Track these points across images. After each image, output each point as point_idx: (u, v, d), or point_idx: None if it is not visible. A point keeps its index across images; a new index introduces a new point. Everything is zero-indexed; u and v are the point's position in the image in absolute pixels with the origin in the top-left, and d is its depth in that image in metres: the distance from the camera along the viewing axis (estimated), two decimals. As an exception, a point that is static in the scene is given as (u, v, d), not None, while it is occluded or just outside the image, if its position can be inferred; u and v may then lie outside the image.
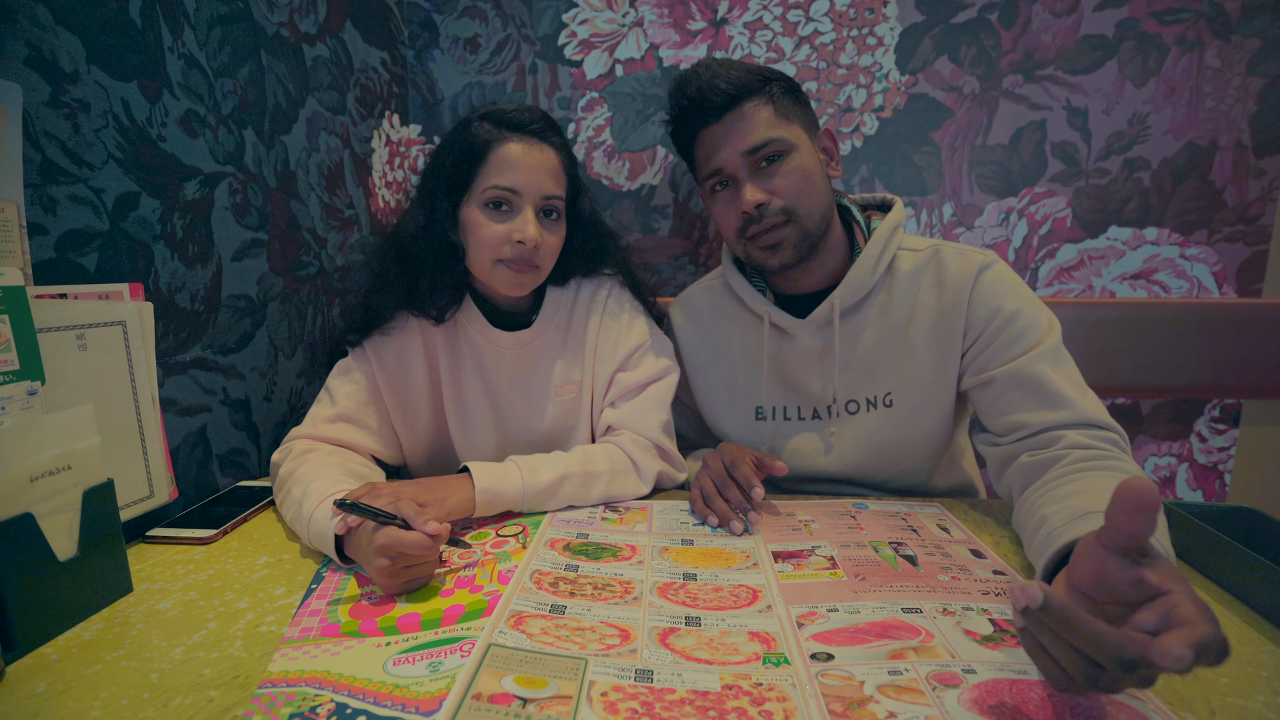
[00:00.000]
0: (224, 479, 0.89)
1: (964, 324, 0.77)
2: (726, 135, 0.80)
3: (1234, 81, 1.15)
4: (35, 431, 0.52)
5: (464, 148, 0.79)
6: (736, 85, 0.78)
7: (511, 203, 0.78)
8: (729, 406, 0.91)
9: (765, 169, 0.79)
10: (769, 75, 0.81)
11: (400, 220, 0.85)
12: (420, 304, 0.83)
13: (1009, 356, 0.74)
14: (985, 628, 0.50)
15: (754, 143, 0.78)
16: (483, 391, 0.88)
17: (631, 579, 0.60)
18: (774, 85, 0.80)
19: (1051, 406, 0.70)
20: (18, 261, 0.58)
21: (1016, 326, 0.74)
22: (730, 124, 0.79)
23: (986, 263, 0.78)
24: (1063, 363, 0.73)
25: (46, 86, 0.64)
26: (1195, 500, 1.27)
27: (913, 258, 0.82)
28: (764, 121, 0.78)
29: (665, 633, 0.51)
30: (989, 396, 0.75)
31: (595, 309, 0.90)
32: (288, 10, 1.01)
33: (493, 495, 0.72)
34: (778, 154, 0.79)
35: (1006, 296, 0.76)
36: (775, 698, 0.43)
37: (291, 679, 0.46)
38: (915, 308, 0.81)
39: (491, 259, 0.79)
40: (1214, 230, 1.20)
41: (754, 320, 0.89)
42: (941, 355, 0.79)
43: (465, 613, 0.54)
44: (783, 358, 0.86)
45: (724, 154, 0.80)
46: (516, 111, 0.80)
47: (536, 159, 0.78)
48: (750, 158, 0.79)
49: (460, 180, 0.79)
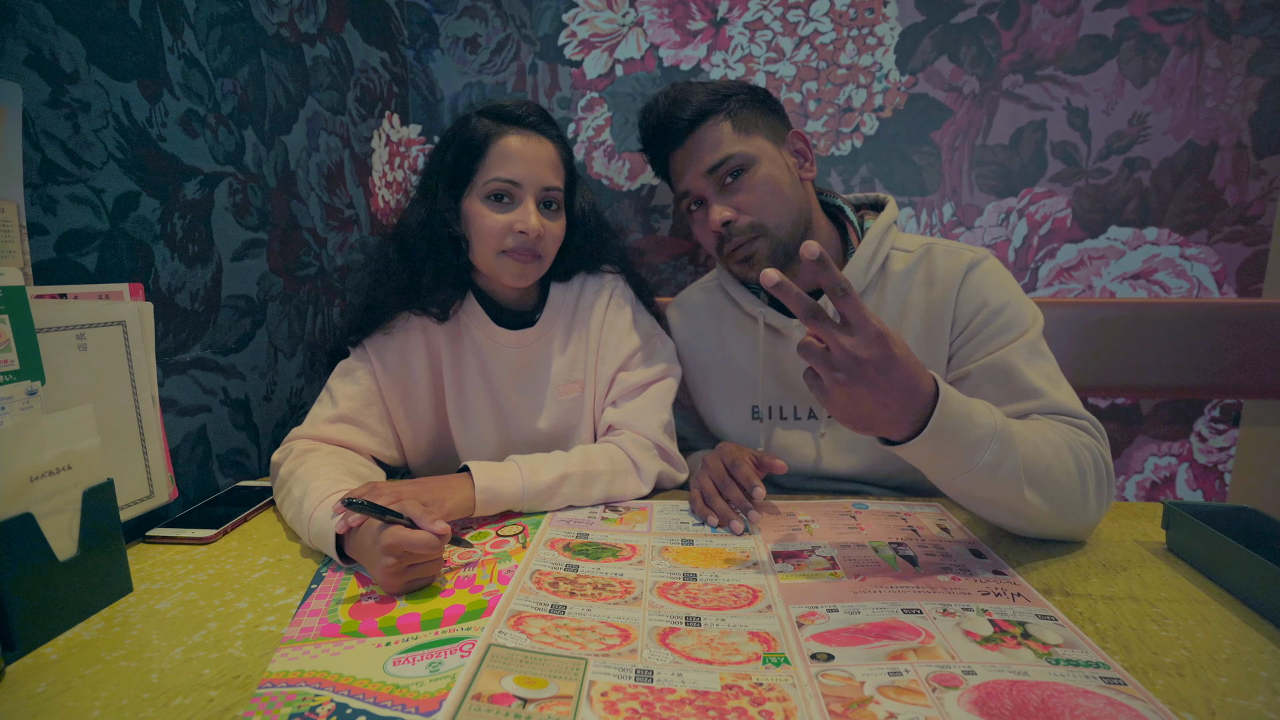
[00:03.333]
0: (224, 479, 0.89)
1: (951, 320, 0.78)
2: (689, 157, 0.83)
3: (1234, 81, 1.15)
4: (35, 431, 0.52)
5: (464, 142, 0.80)
6: (694, 109, 0.81)
7: (512, 194, 0.79)
8: (726, 406, 0.92)
9: (730, 185, 0.81)
10: (727, 91, 0.83)
11: (402, 216, 0.86)
12: (423, 300, 0.84)
13: (987, 351, 0.74)
14: (985, 629, 0.50)
15: (713, 162, 0.81)
16: (485, 391, 0.88)
17: (632, 579, 0.60)
18: (732, 100, 0.82)
19: (1021, 398, 0.70)
20: (18, 261, 0.58)
21: (999, 322, 0.75)
22: (691, 146, 0.83)
23: (976, 260, 0.79)
24: (1038, 357, 0.72)
25: (46, 86, 0.64)
26: (1195, 500, 1.27)
27: (905, 258, 0.83)
28: (723, 139, 0.81)
29: (665, 632, 0.51)
30: (964, 391, 0.75)
31: (599, 307, 0.90)
32: (288, 10, 1.01)
33: (493, 495, 0.72)
34: (739, 169, 0.81)
35: (992, 292, 0.76)
36: (775, 698, 0.43)
37: (291, 679, 0.46)
38: (907, 307, 0.81)
39: (495, 250, 0.80)
40: (1214, 230, 1.19)
41: (749, 321, 0.90)
42: (932, 353, 0.79)
43: (465, 613, 0.54)
44: (778, 358, 0.87)
45: (689, 176, 0.83)
46: (514, 106, 0.82)
47: (535, 151, 0.80)
48: (713, 176, 0.81)
49: (461, 175, 0.80)
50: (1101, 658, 0.46)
